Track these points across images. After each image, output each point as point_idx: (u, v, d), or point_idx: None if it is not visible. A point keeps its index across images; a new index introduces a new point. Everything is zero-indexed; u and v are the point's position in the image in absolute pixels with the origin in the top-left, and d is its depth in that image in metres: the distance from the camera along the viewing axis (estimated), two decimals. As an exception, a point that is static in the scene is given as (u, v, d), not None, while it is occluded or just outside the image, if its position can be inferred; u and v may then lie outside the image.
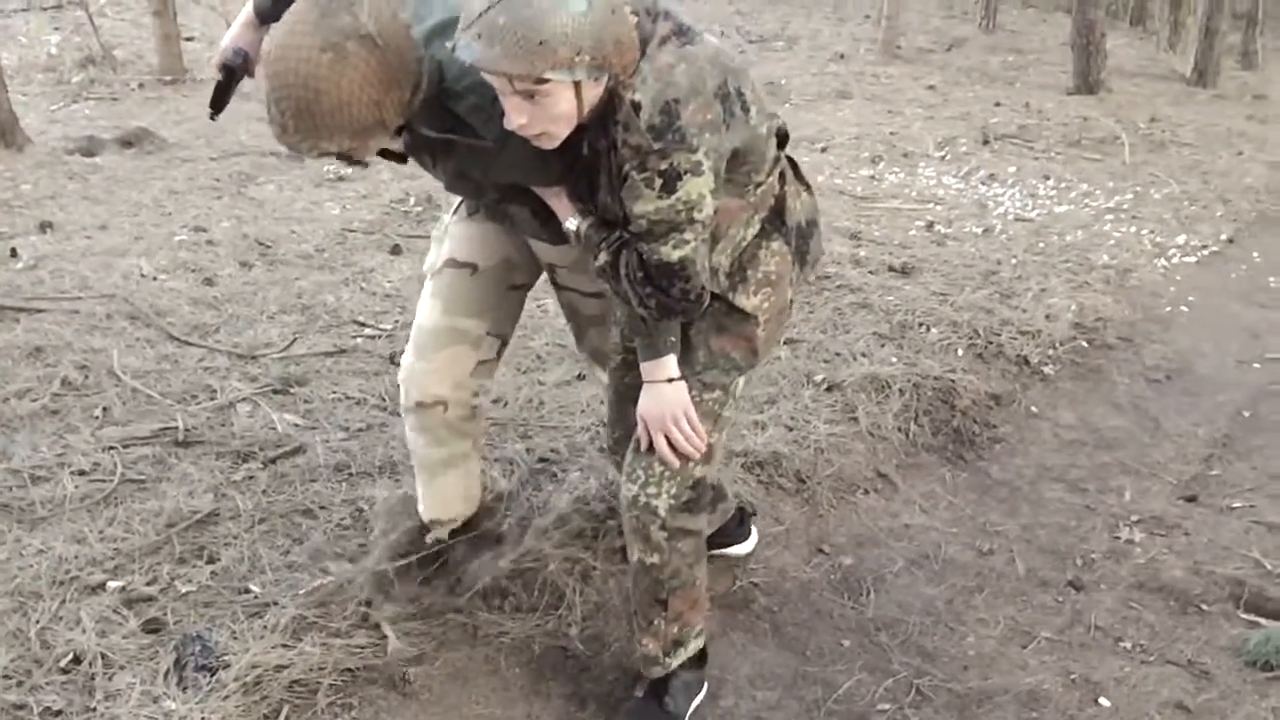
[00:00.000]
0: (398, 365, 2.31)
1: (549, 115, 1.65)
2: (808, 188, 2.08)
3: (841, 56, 9.70)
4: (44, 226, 4.19)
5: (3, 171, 4.73)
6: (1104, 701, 2.34)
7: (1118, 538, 2.94)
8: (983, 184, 6.04)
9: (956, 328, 3.95)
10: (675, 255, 1.77)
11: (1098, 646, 2.52)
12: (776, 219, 1.97)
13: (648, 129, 1.66)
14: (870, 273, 4.44)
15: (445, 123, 1.79)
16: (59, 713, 1.99)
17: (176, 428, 2.93)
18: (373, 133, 1.74)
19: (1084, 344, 4.08)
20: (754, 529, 2.73)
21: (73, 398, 3.04)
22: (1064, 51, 9.56)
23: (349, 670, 2.17)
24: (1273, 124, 8.25)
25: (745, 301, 1.96)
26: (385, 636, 2.24)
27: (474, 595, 2.37)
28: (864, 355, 3.68)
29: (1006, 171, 6.30)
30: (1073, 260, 4.85)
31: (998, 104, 8.19)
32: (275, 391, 3.19)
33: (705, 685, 2.27)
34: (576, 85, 1.62)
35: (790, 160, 2.04)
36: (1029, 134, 7.28)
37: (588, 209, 1.86)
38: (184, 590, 2.33)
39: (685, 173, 1.70)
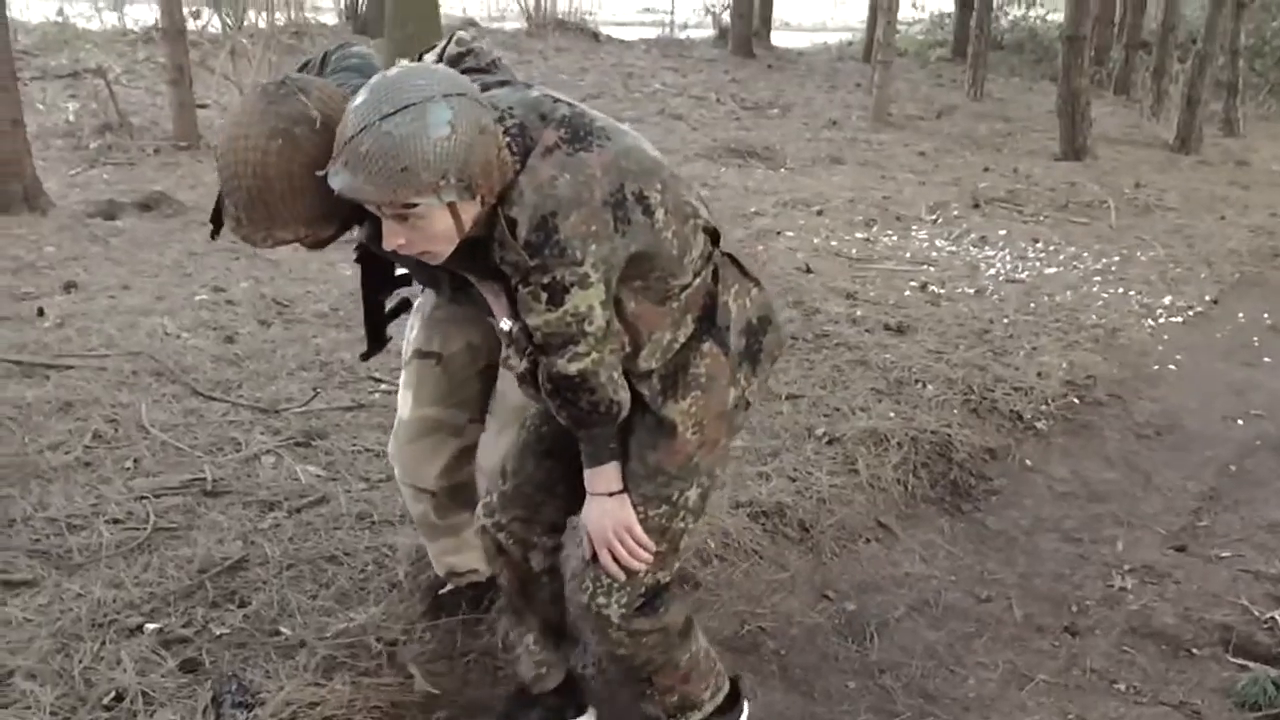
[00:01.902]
0: None
1: (426, 236, 1.63)
2: (756, 283, 2.01)
3: (834, 123, 9.96)
4: (69, 287, 4.33)
5: (27, 234, 4.89)
6: (1100, 739, 2.44)
7: (1111, 585, 3.05)
8: (974, 246, 6.22)
9: (952, 384, 4.09)
10: (573, 368, 1.74)
11: (1093, 689, 2.62)
12: (708, 320, 1.91)
13: (524, 246, 1.64)
14: (867, 331, 4.59)
15: None
16: (105, 747, 2.08)
17: (205, 478, 3.05)
18: (327, 220, 1.71)
19: (1075, 400, 4.22)
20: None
21: (104, 450, 3.16)
22: (1050, 119, 9.83)
23: (378, 707, 2.26)
24: (1254, 189, 8.50)
25: (673, 409, 1.89)
26: (411, 675, 2.34)
27: (497, 637, 2.47)
28: (863, 410, 3.81)
29: (997, 234, 6.49)
30: (1063, 320, 5.01)
31: (987, 169, 8.43)
32: (298, 444, 3.30)
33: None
34: (451, 206, 1.60)
35: (732, 257, 1.98)
36: (1018, 198, 7.49)
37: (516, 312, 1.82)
38: (218, 632, 2.43)
39: (571, 285, 1.66)
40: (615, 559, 1.92)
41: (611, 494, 1.90)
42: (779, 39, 15.75)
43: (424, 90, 1.56)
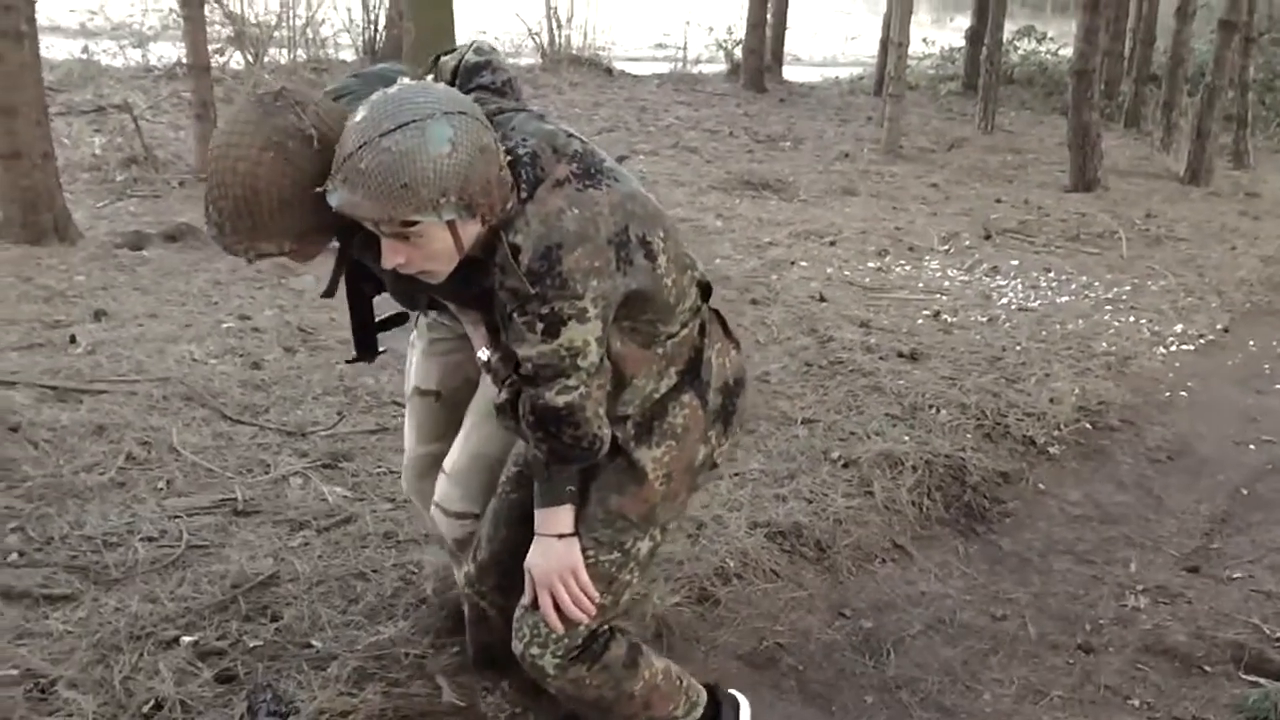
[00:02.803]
0: None
1: (425, 254, 1.63)
2: (736, 345, 2.03)
3: (846, 155, 10.07)
4: (99, 315, 4.43)
5: (58, 264, 5.00)
6: (1114, 752, 2.48)
7: (1124, 605, 3.10)
8: (986, 276, 6.29)
9: (965, 409, 4.15)
10: (560, 401, 1.72)
11: (1107, 704, 2.67)
12: (692, 373, 1.91)
13: (526, 273, 1.63)
14: (881, 358, 4.66)
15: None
16: (144, 753, 2.15)
17: (235, 498, 3.13)
18: (313, 235, 1.71)
19: (1088, 426, 4.27)
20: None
21: (137, 471, 3.24)
22: (1061, 151, 9.92)
23: (406, 717, 2.33)
24: (1264, 219, 8.56)
25: (645, 454, 1.89)
26: (439, 686, 2.40)
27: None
28: (878, 434, 3.87)
29: (1009, 264, 6.56)
30: (1074, 348, 5.06)
31: (998, 201, 8.51)
32: (324, 466, 3.38)
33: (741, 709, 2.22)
34: (451, 224, 1.60)
35: (718, 315, 2.00)
36: (1029, 229, 7.56)
37: (498, 340, 1.83)
38: (252, 644, 2.50)
39: (569, 318, 1.66)
40: (556, 607, 1.88)
41: (561, 536, 1.87)
42: (790, 73, 15.91)
43: (425, 107, 1.56)
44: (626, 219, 1.72)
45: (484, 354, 1.86)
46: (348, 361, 2.18)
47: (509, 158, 1.67)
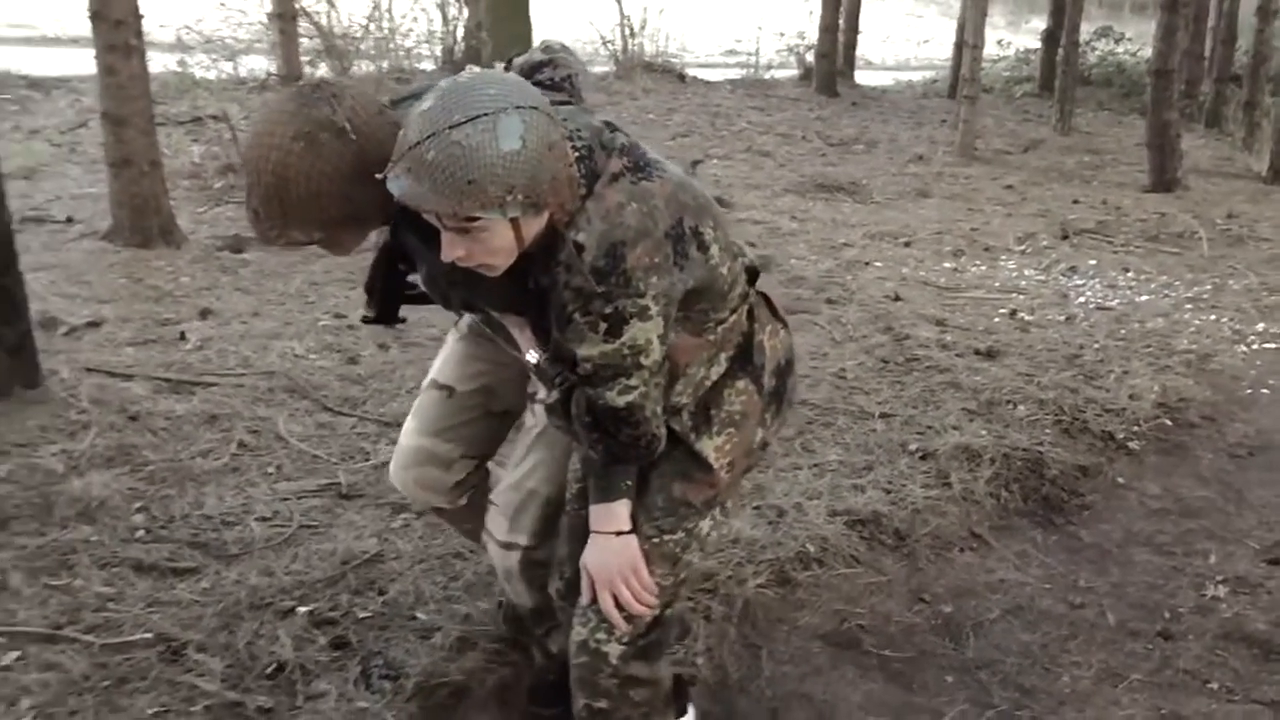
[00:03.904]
0: None
1: (486, 249, 1.59)
2: (785, 325, 2.00)
3: (920, 158, 10.08)
4: (205, 313, 4.67)
5: (165, 266, 5.26)
6: (1192, 732, 2.54)
7: (1204, 595, 3.14)
8: (1063, 275, 6.29)
9: (1043, 405, 4.19)
10: (622, 401, 1.70)
11: (1186, 687, 2.72)
12: (744, 358, 1.90)
13: (592, 271, 1.60)
14: (957, 355, 4.71)
15: (427, 228, 1.68)
16: (270, 710, 2.32)
17: (339, 483, 3.30)
18: (344, 226, 1.72)
19: (1167, 422, 4.29)
20: (691, 708, 2.36)
21: (249, 457, 3.43)
22: (1140, 152, 9.82)
23: (506, 684, 2.47)
24: (1351, 219, 8.40)
25: (707, 444, 1.87)
26: (532, 655, 2.54)
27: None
28: (955, 428, 3.93)
29: (1086, 264, 6.55)
30: (1154, 346, 5.06)
31: (1076, 201, 8.47)
32: (421, 454, 3.54)
33: None
34: (514, 221, 1.56)
35: (765, 297, 1.98)
36: (1108, 229, 7.53)
37: (546, 342, 1.79)
38: (362, 615, 2.66)
39: (631, 317, 1.63)
40: (617, 602, 1.87)
41: (619, 533, 1.85)
42: (862, 78, 15.91)
43: (497, 100, 1.51)
44: (680, 210, 1.70)
45: (532, 356, 1.82)
46: (364, 320, 2.13)
47: (575, 154, 1.65)
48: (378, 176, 1.56)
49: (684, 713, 2.35)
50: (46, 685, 2.33)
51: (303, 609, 2.66)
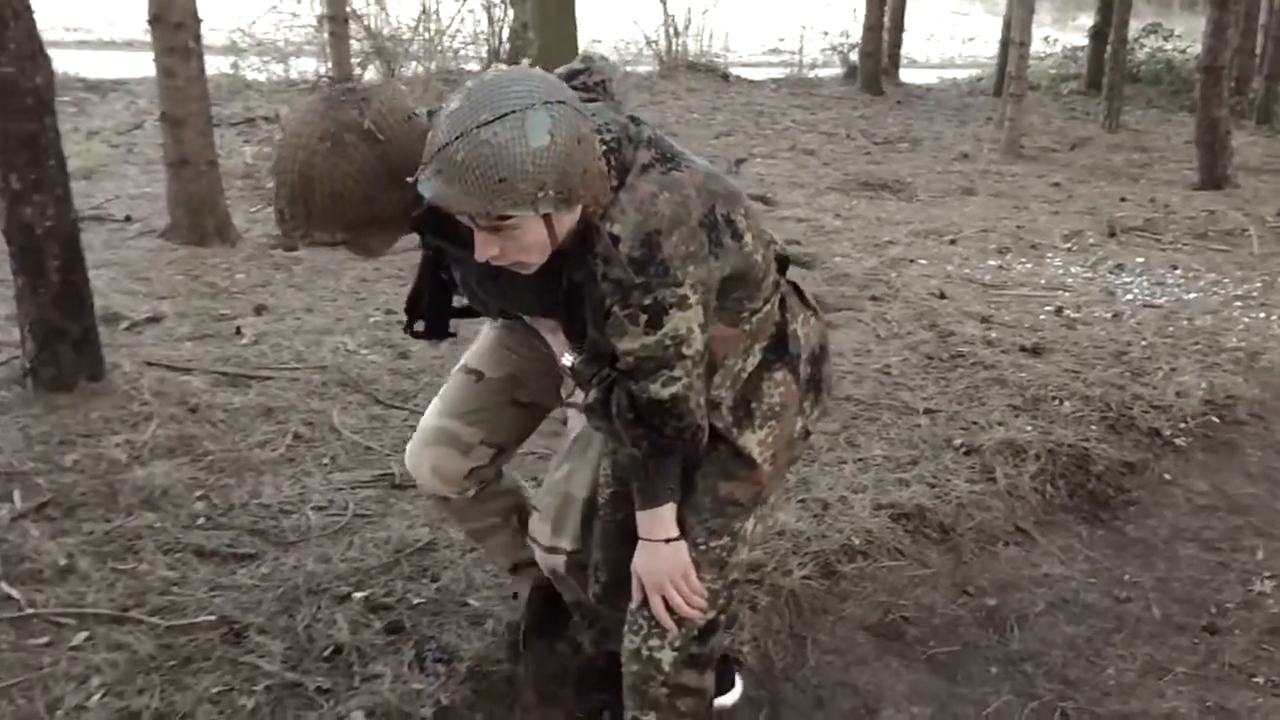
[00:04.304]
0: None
1: (520, 247, 1.58)
2: (815, 312, 2.00)
3: (965, 156, 10.03)
4: (259, 309, 4.78)
5: (221, 263, 5.38)
6: (1238, 724, 2.55)
7: (1250, 590, 3.14)
8: (1110, 273, 6.25)
9: (1089, 401, 4.19)
10: (666, 393, 1.69)
11: (1231, 681, 2.72)
12: (779, 348, 1.89)
13: (629, 262, 1.59)
14: (1002, 352, 4.71)
15: (458, 233, 1.69)
16: (328, 690, 2.39)
17: (392, 474, 3.38)
18: (366, 228, 1.72)
19: (1215, 419, 4.26)
20: (739, 679, 2.48)
21: (304, 448, 3.52)
22: (1189, 149, 9.72)
23: (552, 673, 2.52)
24: (1406, 216, 8.25)
25: (750, 439, 1.87)
26: (581, 643, 2.59)
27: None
28: (1000, 424, 3.94)
29: (1134, 262, 6.50)
30: (1202, 343, 5.03)
31: (1123, 199, 8.39)
32: (471, 447, 3.61)
33: None
34: (546, 217, 1.55)
35: (795, 286, 1.98)
36: (1155, 227, 7.46)
37: (581, 344, 1.80)
38: (415, 601, 2.73)
39: (671, 307, 1.62)
40: (667, 606, 1.87)
41: (669, 540, 1.84)
42: (907, 76, 15.84)
43: (524, 97, 1.50)
44: (712, 199, 1.69)
45: (567, 359, 1.82)
46: (414, 335, 2.13)
47: (603, 146, 1.64)
48: (408, 180, 1.56)
49: (731, 688, 2.43)
50: (115, 665, 2.43)
51: (358, 594, 2.74)
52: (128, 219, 6.11)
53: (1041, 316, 5.33)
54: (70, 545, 2.87)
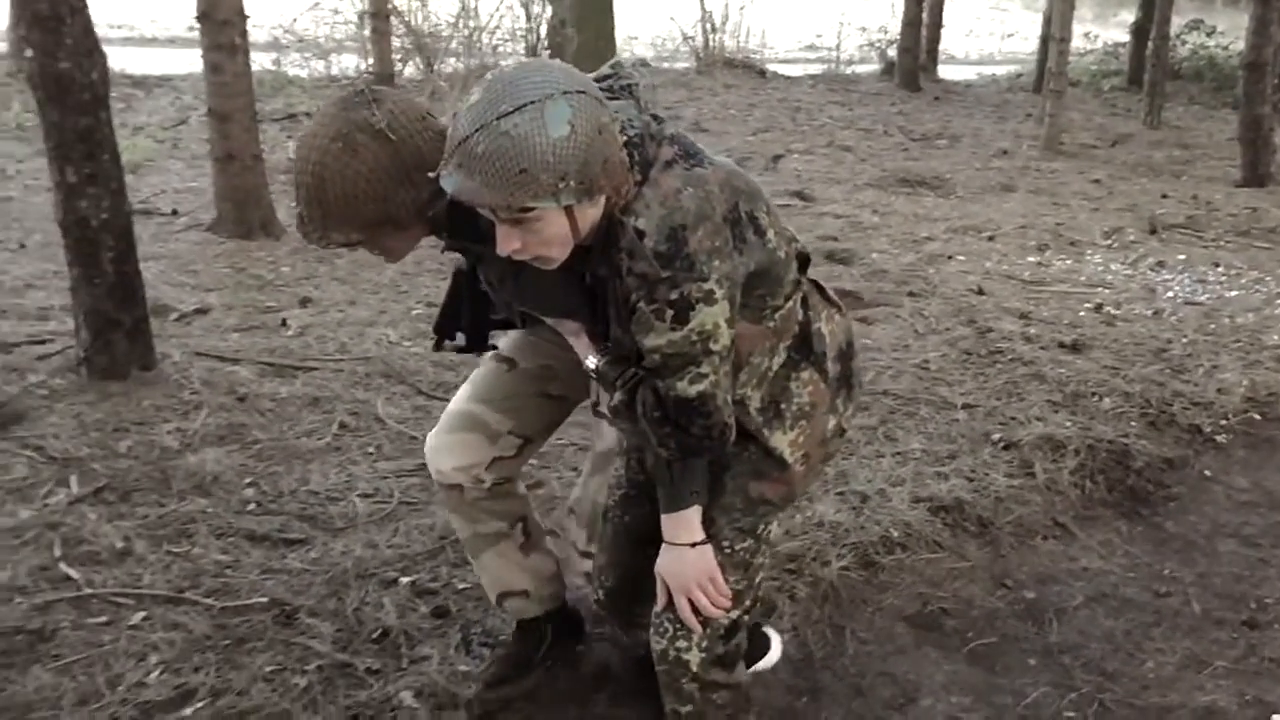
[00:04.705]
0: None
1: (541, 240, 1.58)
2: (840, 310, 1.99)
3: (1004, 152, 9.98)
4: (304, 301, 4.86)
5: (266, 256, 5.48)
6: None
7: (1292, 586, 3.13)
8: (1151, 270, 6.22)
9: (1129, 398, 4.18)
10: (693, 390, 1.67)
11: (1272, 675, 2.72)
12: (804, 347, 1.88)
13: (654, 256, 1.58)
14: (1041, 348, 4.71)
15: (479, 231, 1.70)
16: (377, 671, 2.46)
17: (436, 463, 3.43)
18: (381, 229, 1.73)
19: (1256, 416, 4.24)
20: (774, 637, 2.52)
21: (350, 437, 3.59)
22: (1231, 147, 9.62)
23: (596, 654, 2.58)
24: None
25: (780, 440, 1.86)
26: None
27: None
28: (1039, 419, 3.95)
29: (1175, 259, 6.46)
30: (1244, 340, 5.00)
31: (1164, 196, 8.33)
32: (513, 437, 3.67)
33: None
34: (568, 209, 1.55)
35: (816, 284, 1.96)
36: (1197, 224, 7.40)
37: (605, 347, 1.80)
38: (460, 586, 2.79)
39: (697, 302, 1.61)
40: (693, 608, 1.88)
41: (694, 544, 1.84)
42: (945, 72, 15.75)
43: (543, 87, 1.49)
44: (735, 195, 1.69)
45: (591, 361, 1.81)
46: (456, 350, 2.17)
47: (623, 138, 1.63)
48: (429, 176, 1.56)
49: (767, 650, 2.45)
50: (172, 643, 2.50)
51: (405, 579, 2.80)
52: (174, 213, 6.23)
53: (1081, 313, 5.31)
54: (126, 528, 2.95)
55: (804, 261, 1.91)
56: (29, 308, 4.60)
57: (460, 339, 2.15)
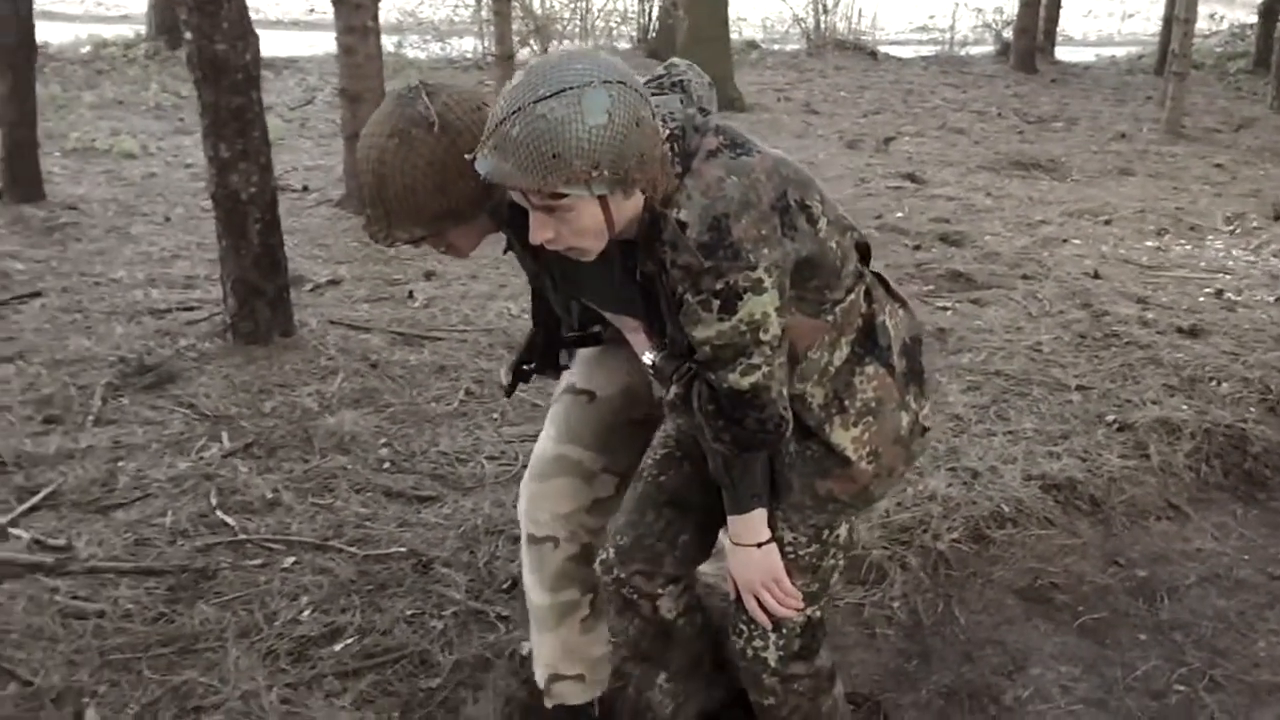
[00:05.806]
0: None
1: (574, 230, 1.55)
2: (903, 303, 1.92)
3: (1123, 136, 9.77)
4: (429, 275, 5.07)
5: (391, 231, 5.71)
6: (1395, 700, 2.55)
7: None
8: (1274, 257, 6.06)
9: (1248, 384, 4.13)
10: (746, 382, 1.63)
11: (1388, 659, 2.71)
12: (868, 341, 1.81)
13: (698, 247, 1.55)
14: (1159, 333, 4.67)
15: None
16: (507, 618, 2.62)
17: (558, 429, 3.59)
18: (443, 222, 1.72)
19: (1380, 405, 4.16)
20: None
21: (475, 404, 3.77)
22: (1366, 130, 9.27)
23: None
24: None
25: (843, 436, 1.80)
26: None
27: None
28: (1154, 403, 3.93)
29: (1301, 246, 6.29)
30: (1369, 328, 4.87)
31: (1291, 181, 8.09)
32: (630, 407, 3.81)
33: None
34: (602, 199, 1.52)
35: (880, 277, 1.90)
36: (1326, 210, 7.17)
37: (661, 343, 1.77)
38: (584, 544, 2.93)
39: (745, 291, 1.57)
40: (762, 606, 1.89)
41: (760, 545, 1.84)
42: (1062, 54, 15.41)
43: (583, 75, 1.48)
44: (784, 184, 1.65)
45: (648, 357, 1.79)
46: (537, 371, 2.14)
47: (665, 130, 1.61)
48: (466, 157, 1.55)
49: None
50: (320, 586, 2.70)
51: (532, 535, 2.95)
52: (305, 189, 6.51)
53: (1200, 298, 5.23)
54: (274, 481, 3.17)
55: (865, 253, 1.86)
56: (176, 276, 4.91)
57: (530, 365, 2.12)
